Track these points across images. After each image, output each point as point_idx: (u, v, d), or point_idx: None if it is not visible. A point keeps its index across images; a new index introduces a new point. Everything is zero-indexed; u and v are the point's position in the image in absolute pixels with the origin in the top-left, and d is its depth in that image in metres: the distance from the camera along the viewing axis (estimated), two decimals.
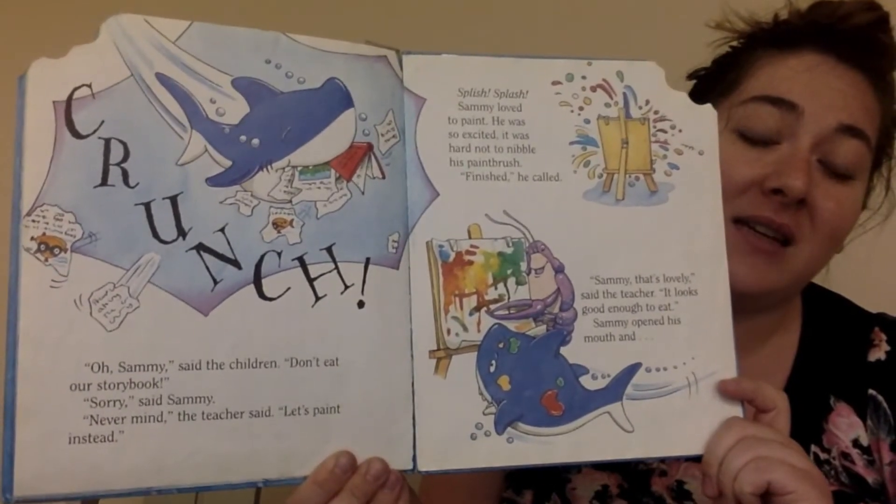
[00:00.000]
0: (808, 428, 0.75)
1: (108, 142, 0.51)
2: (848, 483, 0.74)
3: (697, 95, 0.81)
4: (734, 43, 0.82)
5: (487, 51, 0.63)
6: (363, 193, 0.58)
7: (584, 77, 0.62)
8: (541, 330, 0.59)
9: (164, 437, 0.51)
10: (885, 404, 0.76)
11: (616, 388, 0.60)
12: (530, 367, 0.59)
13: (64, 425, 0.49)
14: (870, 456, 0.75)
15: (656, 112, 0.63)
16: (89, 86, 0.51)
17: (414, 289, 0.59)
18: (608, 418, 0.60)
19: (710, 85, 0.82)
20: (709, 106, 0.65)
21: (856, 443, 0.76)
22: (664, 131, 0.63)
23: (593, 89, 0.62)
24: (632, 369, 0.60)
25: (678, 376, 0.61)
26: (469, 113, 0.61)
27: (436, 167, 0.60)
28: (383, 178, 0.59)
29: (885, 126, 0.79)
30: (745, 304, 0.73)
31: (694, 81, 0.84)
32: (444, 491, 0.80)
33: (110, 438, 0.50)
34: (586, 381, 0.60)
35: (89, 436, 0.50)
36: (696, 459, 0.60)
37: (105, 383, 0.50)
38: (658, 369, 0.60)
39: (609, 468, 0.77)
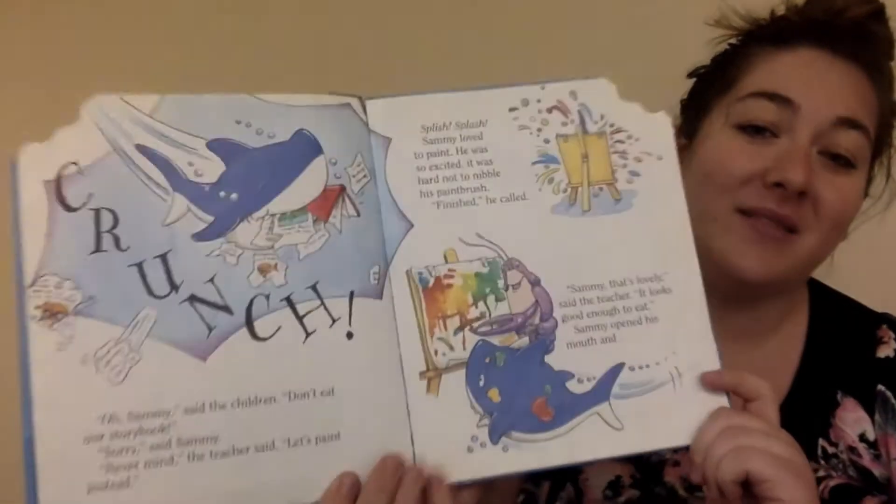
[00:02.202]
0: (815, 422, 0.78)
1: (97, 212, 0.56)
2: (855, 476, 0.76)
3: (697, 94, 0.86)
4: (732, 41, 0.84)
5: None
6: (341, 232, 0.62)
7: (538, 101, 0.66)
8: (524, 342, 0.63)
9: (176, 478, 0.55)
10: (893, 400, 0.78)
11: (602, 390, 0.63)
12: (518, 378, 0.62)
13: (82, 477, 0.53)
14: (876, 451, 0.77)
15: (612, 125, 0.67)
16: (76, 163, 0.56)
17: (399, 316, 0.62)
18: (598, 418, 0.62)
19: (708, 83, 0.84)
20: (662, 113, 0.68)
21: (862, 437, 0.77)
22: (622, 142, 0.67)
23: (549, 111, 0.66)
24: (616, 370, 0.63)
25: (661, 372, 0.63)
26: (433, 146, 0.65)
27: (407, 200, 0.64)
28: (358, 215, 0.63)
29: (884, 115, 0.81)
30: (752, 293, 0.79)
31: (694, 80, 0.86)
32: None
33: (126, 484, 0.54)
34: (573, 386, 0.62)
35: (107, 483, 0.54)
36: (686, 449, 0.63)
37: (116, 433, 0.54)
38: (641, 367, 0.63)
39: (621, 459, 0.79)
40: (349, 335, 0.61)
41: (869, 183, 0.83)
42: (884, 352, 0.81)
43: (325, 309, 0.60)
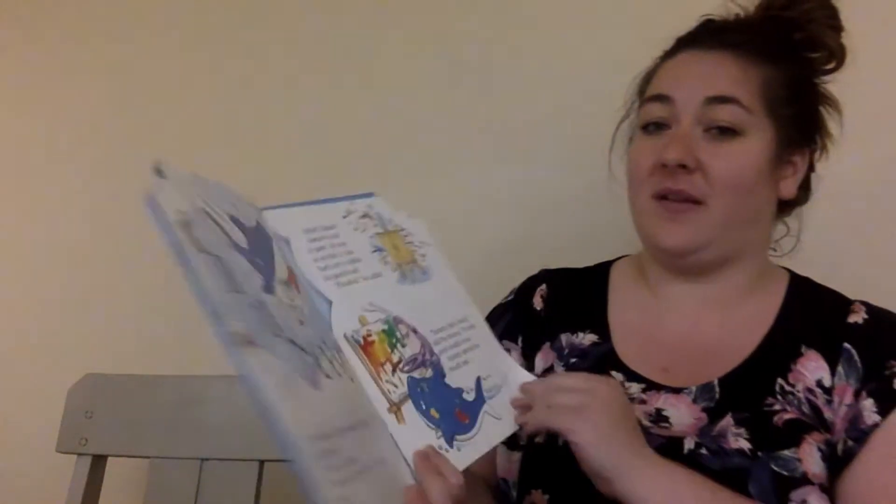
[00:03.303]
0: (777, 366, 0.89)
1: (218, 257, 0.57)
2: (808, 413, 0.86)
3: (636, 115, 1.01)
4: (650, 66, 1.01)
5: None
6: (304, 311, 0.72)
7: (354, 211, 0.87)
8: (430, 372, 0.81)
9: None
10: (856, 357, 0.87)
11: (480, 396, 0.84)
12: (440, 398, 0.79)
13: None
14: (829, 396, 0.86)
15: (396, 225, 0.91)
16: (184, 212, 0.58)
17: (354, 368, 0.74)
18: (488, 415, 0.83)
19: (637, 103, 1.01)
20: (419, 220, 0.92)
21: (819, 383, 0.87)
22: (407, 235, 0.91)
23: (364, 217, 0.88)
24: (478, 381, 0.85)
25: (496, 380, 0.87)
26: (315, 244, 0.80)
27: (319, 284, 0.77)
28: (299, 294, 0.73)
29: (773, 82, 0.92)
30: (694, 265, 0.94)
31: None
32: None
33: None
34: (466, 396, 0.83)
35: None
36: None
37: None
38: (487, 377, 0.86)
39: None
40: (351, 379, 0.70)
41: (806, 136, 0.95)
42: (853, 318, 0.90)
43: (331, 360, 0.69)
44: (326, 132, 1.59)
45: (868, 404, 0.85)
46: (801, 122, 0.95)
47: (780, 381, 0.88)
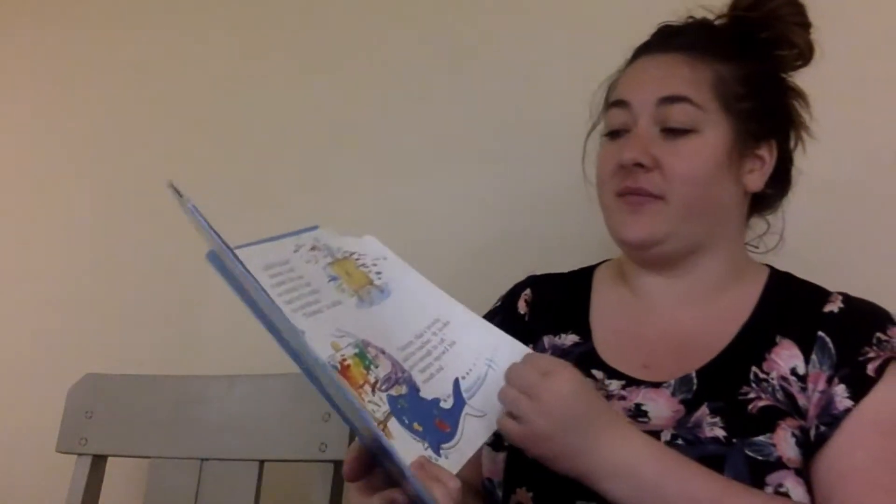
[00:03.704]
0: (751, 355, 0.91)
1: None
2: (782, 400, 0.88)
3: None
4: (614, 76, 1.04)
5: None
6: None
7: (303, 245, 0.87)
8: (404, 389, 0.81)
9: None
10: (830, 344, 0.88)
11: (459, 399, 0.84)
12: (419, 412, 0.80)
13: None
14: (804, 384, 0.88)
15: (345, 251, 0.91)
16: None
17: (345, 391, 0.74)
18: (470, 416, 0.83)
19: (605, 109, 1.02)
20: (368, 237, 0.92)
21: (793, 371, 0.89)
22: (358, 258, 0.91)
23: (313, 249, 0.87)
24: (456, 383, 0.85)
25: (478, 371, 0.86)
26: (276, 279, 0.80)
27: (290, 314, 0.77)
28: None
29: (727, 78, 0.94)
30: (659, 257, 0.96)
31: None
32: None
33: None
34: (444, 404, 0.83)
35: None
36: None
37: None
38: (466, 374, 0.86)
39: None
40: None
41: (769, 129, 0.96)
42: (829, 308, 0.91)
43: None
44: (300, 132, 1.60)
45: (840, 390, 0.85)
46: (762, 116, 0.96)
47: (754, 369, 0.90)
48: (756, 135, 0.96)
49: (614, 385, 0.94)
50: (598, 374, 0.95)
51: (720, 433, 0.85)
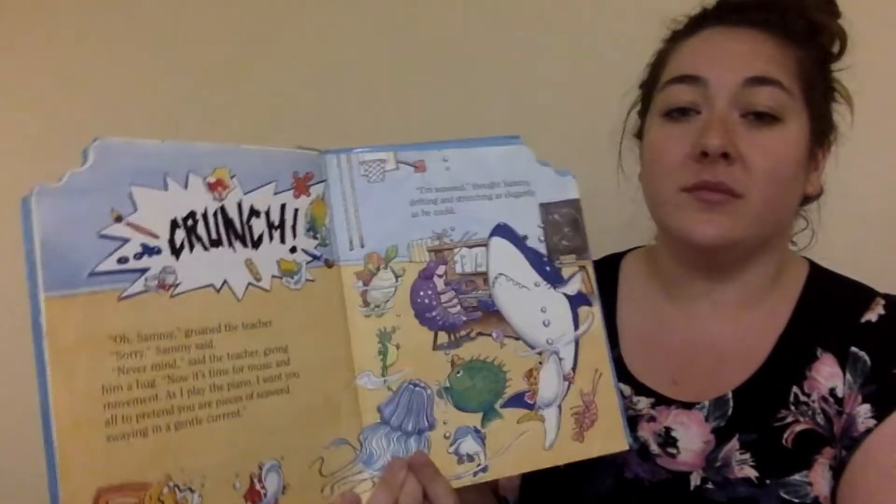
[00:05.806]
0: (792, 372, 0.80)
1: None
2: (823, 425, 0.78)
3: (642, 100, 0.91)
4: (660, 47, 0.89)
5: None
6: None
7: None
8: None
9: None
10: (866, 358, 0.78)
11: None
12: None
13: None
14: (841, 407, 0.78)
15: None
16: None
17: None
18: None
19: (646, 87, 0.89)
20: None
21: (832, 392, 0.78)
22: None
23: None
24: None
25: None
26: None
27: None
28: None
29: (806, 65, 0.82)
30: (720, 261, 0.83)
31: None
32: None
33: None
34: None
35: None
36: None
37: None
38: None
39: None
40: None
41: (828, 127, 0.85)
42: (867, 316, 0.80)
43: None
44: (280, 124, 1.51)
45: (863, 410, 0.76)
46: (827, 112, 0.86)
47: (795, 389, 0.79)
48: (823, 131, 0.85)
49: (643, 403, 0.84)
50: (625, 388, 0.85)
51: (751, 473, 0.78)
